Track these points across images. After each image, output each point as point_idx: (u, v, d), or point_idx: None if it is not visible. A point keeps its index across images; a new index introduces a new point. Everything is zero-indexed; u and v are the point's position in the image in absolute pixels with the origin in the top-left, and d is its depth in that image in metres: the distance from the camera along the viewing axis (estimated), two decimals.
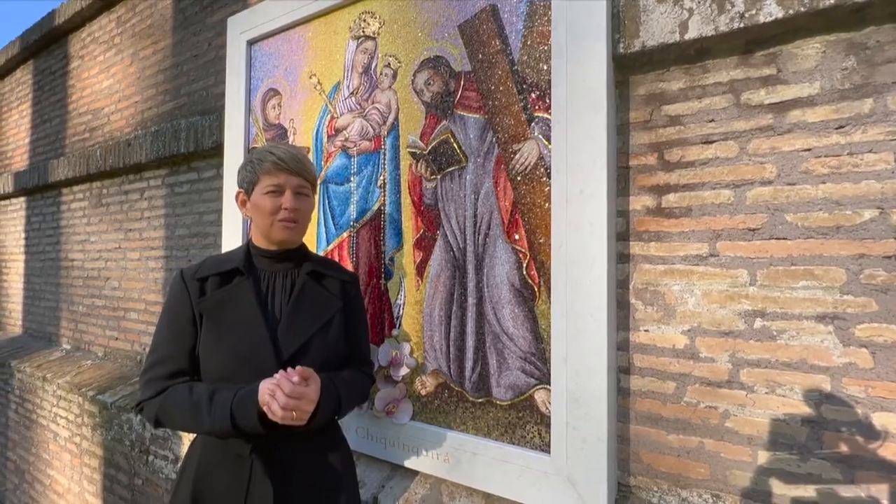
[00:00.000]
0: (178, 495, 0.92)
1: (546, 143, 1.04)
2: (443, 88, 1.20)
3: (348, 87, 1.40)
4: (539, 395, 1.05)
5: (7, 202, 3.66)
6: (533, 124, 1.07)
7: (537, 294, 1.05)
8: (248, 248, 1.00)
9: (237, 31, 1.68)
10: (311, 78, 1.48)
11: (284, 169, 0.93)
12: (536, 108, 1.06)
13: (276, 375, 0.81)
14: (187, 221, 2.17)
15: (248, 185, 0.95)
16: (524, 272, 1.07)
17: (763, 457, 0.92)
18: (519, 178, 1.08)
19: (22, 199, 3.48)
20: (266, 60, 1.62)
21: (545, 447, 1.03)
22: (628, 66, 1.07)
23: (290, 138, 1.53)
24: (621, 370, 1.07)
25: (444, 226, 1.19)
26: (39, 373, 2.67)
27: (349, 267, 1.37)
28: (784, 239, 0.92)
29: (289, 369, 0.82)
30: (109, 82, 2.71)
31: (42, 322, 3.20)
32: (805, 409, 0.89)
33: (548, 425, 1.03)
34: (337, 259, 1.40)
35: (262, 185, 0.93)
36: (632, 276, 1.07)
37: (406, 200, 1.26)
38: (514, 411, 1.08)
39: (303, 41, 1.51)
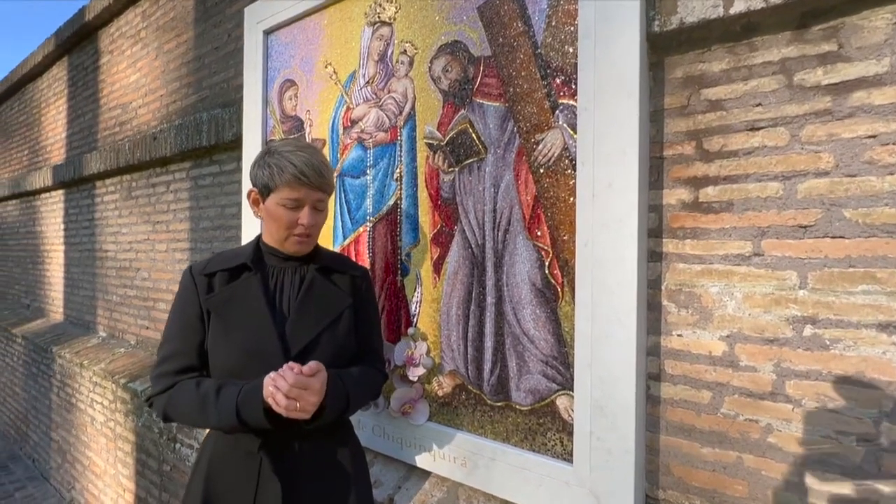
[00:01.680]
0: (190, 491, 0.92)
1: (571, 132, 0.97)
2: (461, 75, 1.14)
3: (364, 76, 1.35)
4: (561, 402, 0.99)
5: (48, 195, 3.83)
6: (557, 112, 0.99)
7: (560, 294, 0.98)
8: (257, 244, 0.98)
9: (254, 21, 1.65)
10: (326, 67, 1.44)
11: (305, 183, 0.88)
12: (561, 94, 0.98)
13: (282, 367, 0.80)
14: (210, 214, 2.19)
15: (263, 187, 0.92)
16: (546, 271, 1.00)
17: (811, 478, 0.84)
18: (542, 171, 1.01)
19: (60, 191, 3.62)
20: (282, 50, 1.59)
21: (567, 456, 0.98)
22: (664, 46, 0.97)
23: (307, 130, 1.50)
24: (651, 377, 0.99)
25: (461, 221, 1.14)
26: (77, 359, 2.79)
27: (365, 263, 1.34)
28: (841, 237, 0.82)
29: (294, 363, 0.80)
30: (136, 76, 2.75)
31: (80, 310, 3.35)
32: (861, 428, 0.80)
33: (570, 433, 0.97)
34: (353, 255, 1.37)
35: (280, 195, 0.89)
36: (664, 277, 0.98)
37: (423, 194, 1.21)
38: (534, 417, 1.03)
39: (318, 29, 1.47)
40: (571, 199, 0.96)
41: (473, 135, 1.11)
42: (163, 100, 2.52)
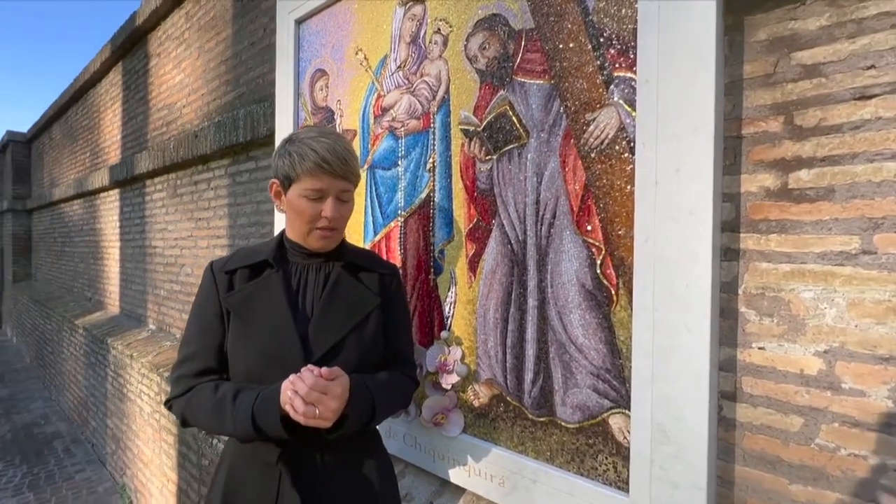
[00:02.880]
0: (211, 499, 0.87)
1: (629, 109, 0.83)
2: (500, 52, 1.02)
3: (395, 60, 1.26)
4: (615, 421, 0.86)
5: (105, 194, 4.05)
6: (612, 87, 0.86)
7: (614, 298, 0.85)
8: (281, 240, 0.92)
9: (286, 11, 1.61)
10: (357, 54, 1.37)
11: (329, 172, 0.81)
12: (617, 65, 0.85)
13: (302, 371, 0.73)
14: (247, 210, 2.19)
15: (284, 178, 0.85)
16: (598, 270, 0.87)
17: None
18: (593, 156, 0.88)
19: (116, 191, 3.82)
20: (313, 40, 1.53)
21: (622, 484, 0.85)
22: (742, 4, 0.82)
23: (337, 121, 1.44)
24: (725, 395, 0.84)
25: (500, 214, 1.02)
26: (128, 351, 2.91)
27: (397, 260, 1.25)
28: None
29: (313, 366, 0.73)
30: (181, 77, 2.82)
31: (133, 304, 3.51)
32: None
33: (626, 458, 0.84)
34: (384, 252, 1.29)
35: (302, 185, 0.82)
36: (742, 278, 0.83)
37: (457, 185, 1.11)
38: (582, 437, 0.90)
39: (349, 14, 1.39)
40: (629, 187, 0.83)
41: (514, 118, 1.00)
42: (204, 98, 2.57)
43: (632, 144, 0.83)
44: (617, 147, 0.85)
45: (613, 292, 0.86)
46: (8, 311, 7.99)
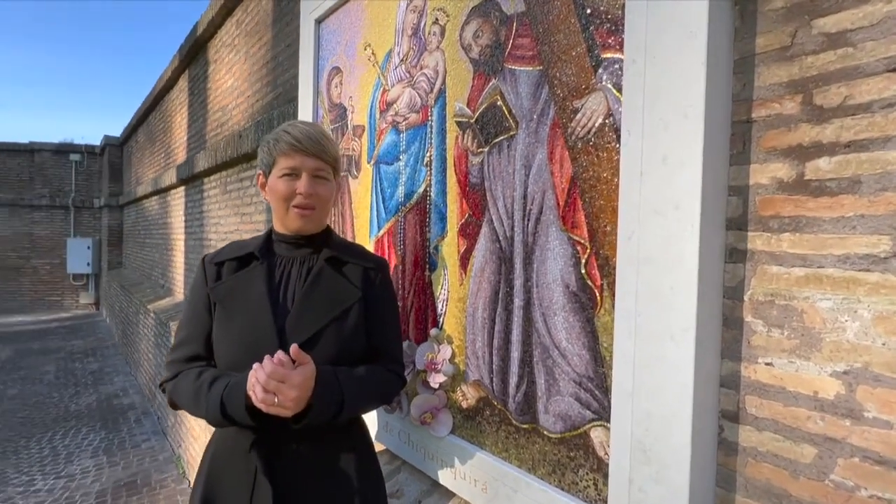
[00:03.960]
0: (195, 487, 0.92)
1: (617, 93, 0.76)
2: (492, 39, 0.97)
3: (398, 54, 1.25)
4: (596, 435, 0.79)
5: (174, 191, 4.45)
6: (600, 71, 0.78)
7: (598, 300, 0.78)
8: (269, 234, 0.95)
9: (308, 12, 1.65)
10: (365, 49, 1.37)
11: (300, 150, 0.85)
12: (606, 46, 0.77)
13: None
14: None
15: (265, 166, 0.91)
16: (582, 270, 0.81)
17: None
18: (579, 145, 0.81)
19: (181, 188, 4.18)
20: (330, 38, 1.56)
21: (602, 503, 0.78)
22: None
23: (349, 117, 1.46)
24: (726, 415, 0.74)
25: (489, 209, 0.98)
26: None
27: (395, 256, 1.24)
28: None
29: (279, 352, 0.74)
30: (231, 81, 3.02)
31: None
32: None
33: (607, 475, 0.77)
34: (385, 247, 1.29)
35: (278, 167, 0.87)
36: (748, 283, 0.72)
37: (451, 180, 1.08)
38: (564, 448, 0.84)
39: (360, 11, 1.40)
40: (616, 179, 0.76)
41: (504, 108, 0.95)
42: (249, 100, 2.72)
43: (619, 133, 0.75)
44: (604, 136, 0.78)
45: (598, 294, 0.78)
46: (104, 294, 9.06)
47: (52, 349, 6.25)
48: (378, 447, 1.22)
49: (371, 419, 1.26)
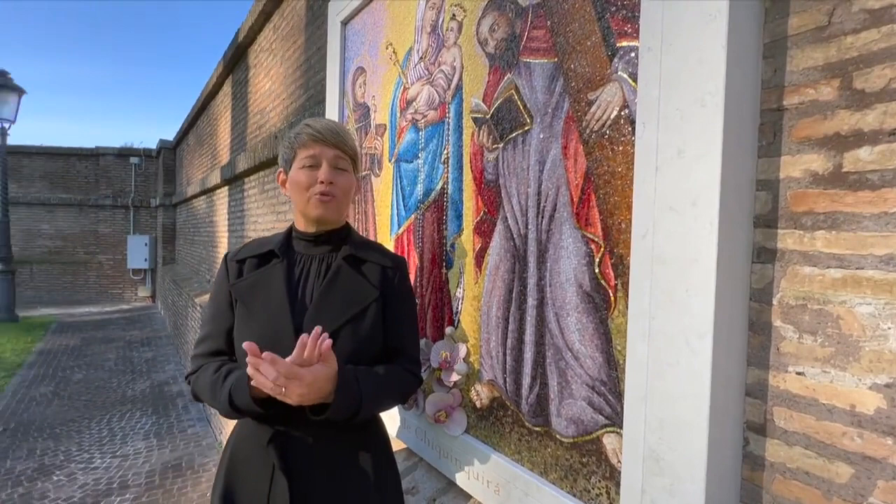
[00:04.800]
0: (216, 480, 0.95)
1: (633, 84, 0.72)
2: (508, 33, 0.95)
3: (418, 51, 1.25)
4: (609, 441, 0.76)
5: (219, 191, 4.68)
6: (616, 60, 0.75)
7: (612, 301, 0.75)
8: (289, 231, 0.97)
9: (334, 14, 1.69)
10: (387, 48, 1.38)
11: (320, 140, 0.88)
12: (622, 34, 0.74)
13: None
14: None
15: (286, 162, 0.93)
16: (596, 270, 0.77)
17: None
18: (594, 139, 0.78)
19: (225, 188, 4.39)
20: (355, 39, 1.58)
21: None
22: None
23: (372, 116, 1.47)
24: (752, 427, 0.69)
25: (504, 206, 0.96)
26: None
27: (414, 254, 1.25)
28: None
29: (304, 336, 0.74)
30: (269, 84, 3.13)
31: None
32: None
33: (619, 484, 0.73)
34: (405, 245, 1.29)
35: (299, 159, 0.89)
36: (778, 285, 0.67)
37: (467, 177, 1.06)
38: (576, 453, 0.81)
39: (382, 10, 1.41)
40: (631, 174, 0.72)
41: (519, 102, 0.92)
42: (284, 102, 2.82)
43: (635, 125, 0.71)
44: (620, 128, 0.74)
45: (612, 295, 0.75)
46: (159, 288, 9.70)
47: (113, 338, 6.76)
48: (398, 444, 1.24)
49: (392, 416, 1.27)
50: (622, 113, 0.73)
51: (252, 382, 0.74)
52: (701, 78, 0.62)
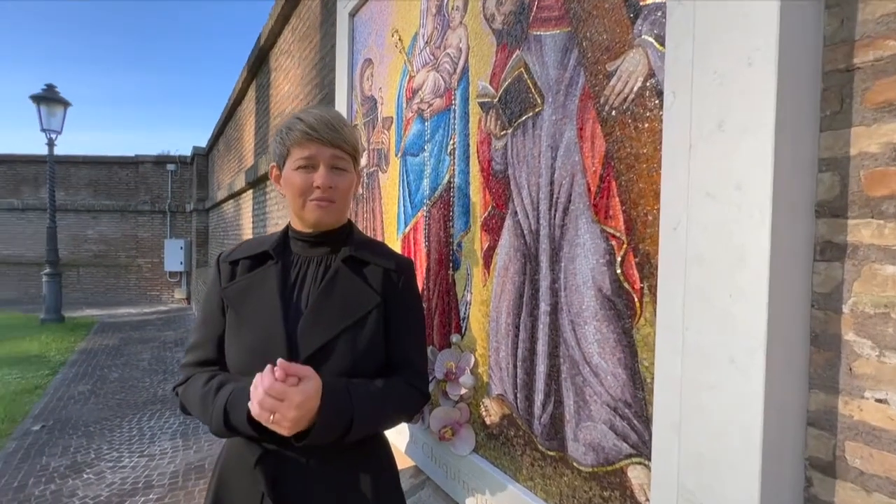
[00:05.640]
0: (207, 496, 0.89)
1: (660, 47, 0.60)
2: (516, 4, 0.85)
3: (423, 36, 1.16)
4: (635, 474, 0.64)
5: (244, 194, 4.75)
6: (640, 22, 0.63)
7: (638, 308, 0.63)
8: (286, 231, 0.89)
9: (342, 7, 1.62)
10: (392, 36, 1.30)
11: (315, 139, 0.78)
12: None
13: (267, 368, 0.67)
14: None
15: (279, 158, 0.84)
16: (618, 270, 0.66)
17: None
18: (614, 117, 0.66)
19: (249, 191, 4.45)
20: (363, 30, 1.51)
21: None
22: None
23: (379, 109, 1.40)
24: (816, 465, 0.56)
25: (513, 200, 0.85)
26: None
27: (421, 254, 1.15)
28: None
29: (280, 361, 0.67)
30: (288, 86, 3.13)
31: None
32: None
33: None
34: (411, 244, 1.20)
35: (293, 158, 0.80)
36: (849, 288, 0.54)
37: (474, 169, 0.96)
38: (596, 485, 0.69)
39: None
40: (659, 155, 0.60)
41: (528, 81, 0.82)
42: (301, 103, 2.80)
43: (663, 97, 0.60)
44: (645, 102, 0.62)
45: (637, 300, 0.63)
46: (193, 290, 10.03)
47: (149, 338, 7.00)
48: (405, 461, 1.14)
49: (401, 430, 1.18)
50: (647, 83, 0.62)
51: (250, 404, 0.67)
52: (746, 32, 0.49)
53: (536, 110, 0.80)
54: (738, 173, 0.50)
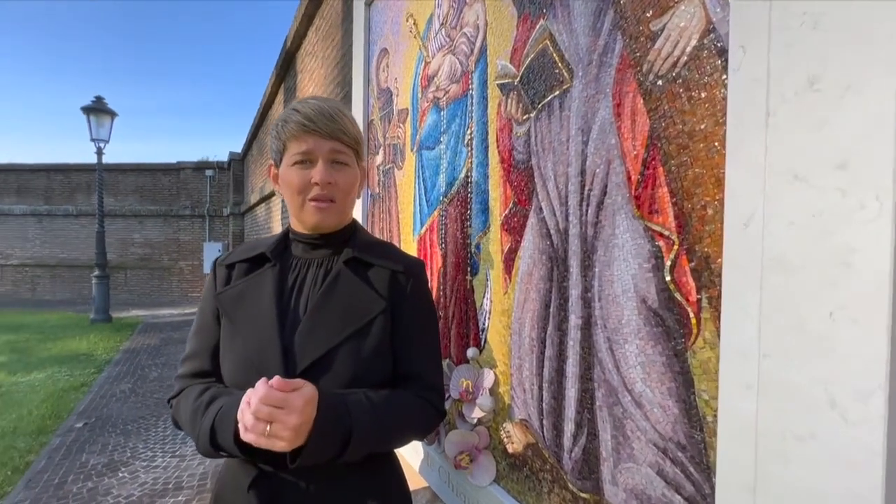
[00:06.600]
0: None
1: None
2: None
3: (439, 17, 1.06)
4: None
5: (274, 198, 4.81)
6: None
7: (694, 325, 0.50)
8: (286, 232, 0.82)
9: None
10: (407, 21, 1.21)
11: (312, 131, 0.71)
12: None
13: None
14: None
15: (276, 155, 0.78)
16: (667, 277, 0.53)
17: None
18: (661, 87, 0.54)
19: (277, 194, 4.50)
20: (379, 19, 1.43)
21: None
22: None
23: (394, 101, 1.31)
24: None
25: (538, 194, 0.74)
26: None
27: (437, 256, 1.05)
28: None
29: (276, 378, 0.59)
30: (312, 87, 3.11)
31: None
32: None
33: None
34: (427, 246, 1.10)
35: (289, 153, 0.73)
36: None
37: (493, 159, 0.85)
38: None
39: None
40: (722, 131, 0.47)
41: (554, 54, 0.70)
42: None
43: (727, 56, 0.46)
44: (701, 66, 0.49)
45: (692, 315, 0.50)
46: None
47: (187, 339, 7.25)
48: (419, 482, 1.04)
49: (416, 448, 1.08)
50: (704, 41, 0.49)
51: (240, 423, 0.60)
52: None
53: (564, 87, 0.68)
54: (842, 147, 0.36)
